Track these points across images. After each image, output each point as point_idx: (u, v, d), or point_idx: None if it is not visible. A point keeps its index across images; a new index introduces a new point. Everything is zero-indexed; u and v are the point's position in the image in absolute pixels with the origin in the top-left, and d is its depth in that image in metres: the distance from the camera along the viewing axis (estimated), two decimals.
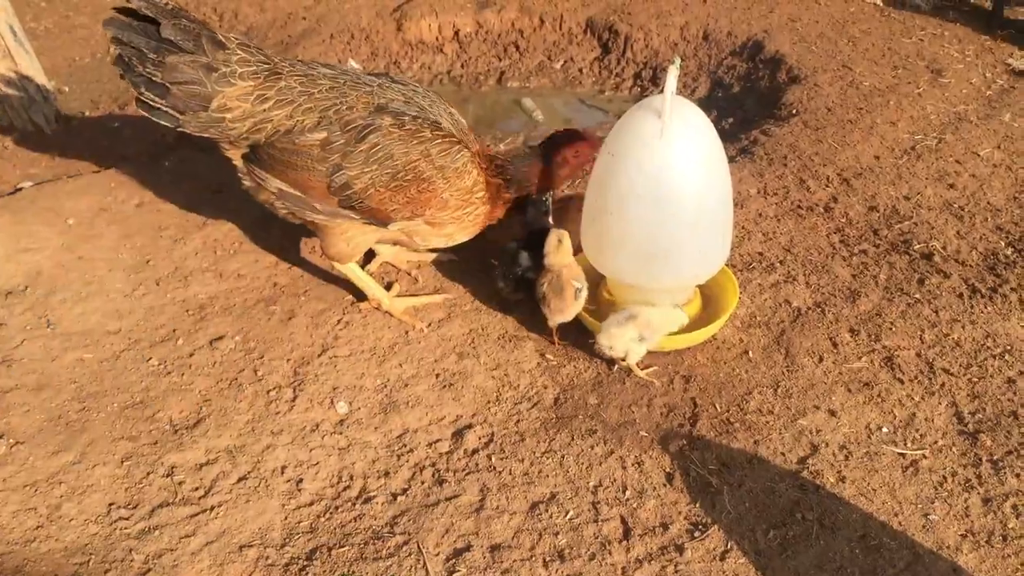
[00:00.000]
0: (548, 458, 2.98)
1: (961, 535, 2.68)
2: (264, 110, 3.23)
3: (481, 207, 3.51)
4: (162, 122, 3.26)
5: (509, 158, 3.61)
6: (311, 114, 3.24)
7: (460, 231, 3.54)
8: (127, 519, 2.78)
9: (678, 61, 3.15)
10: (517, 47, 6.32)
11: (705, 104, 5.52)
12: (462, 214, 3.45)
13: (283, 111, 3.24)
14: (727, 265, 3.56)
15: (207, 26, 3.27)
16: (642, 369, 3.30)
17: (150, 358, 3.38)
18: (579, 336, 3.45)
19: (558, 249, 3.36)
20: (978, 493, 2.81)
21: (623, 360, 3.28)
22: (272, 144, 3.27)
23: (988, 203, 4.16)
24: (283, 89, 3.25)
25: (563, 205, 3.76)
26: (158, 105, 3.22)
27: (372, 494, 2.87)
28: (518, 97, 5.91)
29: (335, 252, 3.49)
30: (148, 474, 2.93)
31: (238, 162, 3.42)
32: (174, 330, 3.52)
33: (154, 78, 3.18)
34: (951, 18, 5.95)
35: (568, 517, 2.78)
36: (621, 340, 3.20)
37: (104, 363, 3.36)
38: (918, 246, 3.88)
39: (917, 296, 3.61)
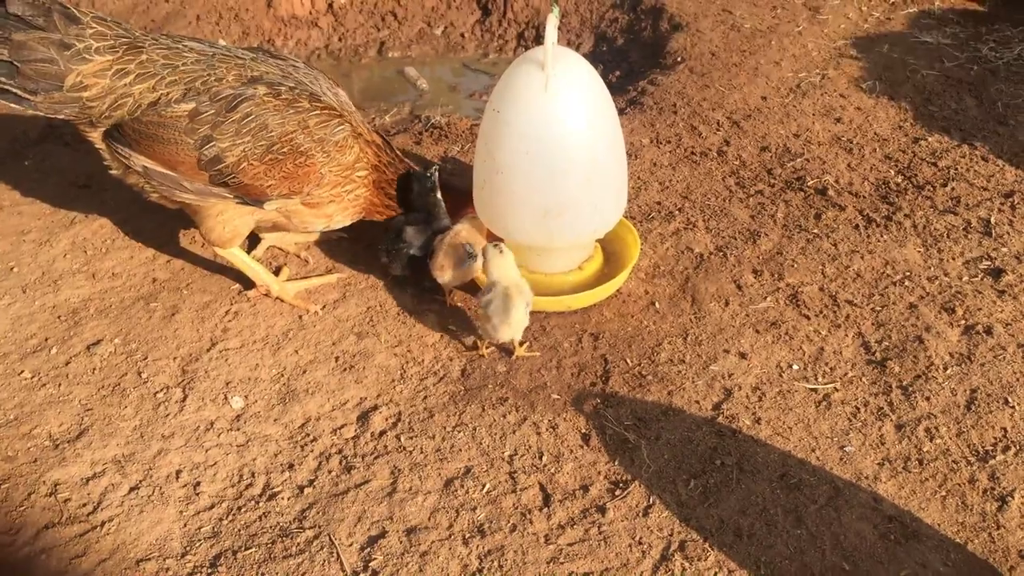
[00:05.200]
0: (459, 432, 2.86)
1: (878, 464, 2.67)
2: (125, 84, 3.03)
3: (362, 188, 3.32)
4: (12, 104, 3.04)
5: (410, 171, 3.40)
6: (176, 87, 3.04)
7: (340, 211, 3.34)
8: (10, 546, 2.55)
9: (557, 9, 3.04)
10: (395, 15, 6.10)
11: (591, 59, 5.34)
12: (341, 191, 3.26)
13: (145, 84, 3.04)
14: (626, 217, 3.49)
15: (59, 1, 3.03)
16: (526, 349, 3.15)
17: (22, 371, 3.12)
18: None
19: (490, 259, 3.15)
20: (891, 420, 2.80)
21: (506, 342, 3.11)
22: (137, 119, 3.06)
23: (875, 134, 4.19)
24: (145, 63, 3.05)
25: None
26: (6, 87, 3.01)
27: (276, 489, 2.70)
28: (401, 67, 5.72)
29: (215, 236, 3.27)
30: (29, 495, 2.69)
31: (100, 144, 3.19)
32: (46, 339, 3.26)
33: (0, 57, 2.96)
34: None
35: (485, 490, 2.67)
36: (520, 324, 3.04)
37: None
38: (812, 182, 3.88)
39: (815, 231, 3.60)
